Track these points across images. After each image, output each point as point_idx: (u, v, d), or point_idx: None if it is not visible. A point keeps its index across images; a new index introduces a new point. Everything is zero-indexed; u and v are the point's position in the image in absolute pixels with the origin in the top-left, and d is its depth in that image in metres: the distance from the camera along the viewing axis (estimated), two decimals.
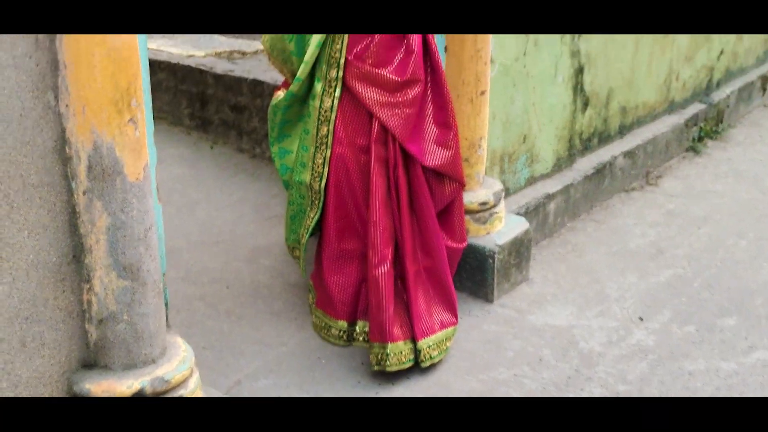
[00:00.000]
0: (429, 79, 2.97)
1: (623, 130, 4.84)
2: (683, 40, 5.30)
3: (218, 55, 5.18)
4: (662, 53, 5.07)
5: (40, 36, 1.93)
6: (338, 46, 2.85)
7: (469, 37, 3.21)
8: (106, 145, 2.01)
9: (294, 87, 2.92)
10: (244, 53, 5.21)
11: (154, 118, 5.14)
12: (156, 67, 5.13)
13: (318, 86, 2.90)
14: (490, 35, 3.29)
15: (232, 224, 4.06)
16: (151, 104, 2.29)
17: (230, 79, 4.71)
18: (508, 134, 3.82)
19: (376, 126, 2.89)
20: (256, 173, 4.56)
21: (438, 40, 3.16)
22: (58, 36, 1.94)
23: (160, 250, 2.32)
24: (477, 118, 3.33)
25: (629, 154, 4.73)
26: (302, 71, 2.88)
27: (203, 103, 4.90)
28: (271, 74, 4.55)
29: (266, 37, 2.97)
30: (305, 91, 2.96)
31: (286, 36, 2.89)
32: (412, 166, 2.97)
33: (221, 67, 4.87)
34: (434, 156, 2.98)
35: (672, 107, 5.37)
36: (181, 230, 3.95)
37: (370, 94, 2.87)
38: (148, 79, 2.23)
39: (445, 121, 3.01)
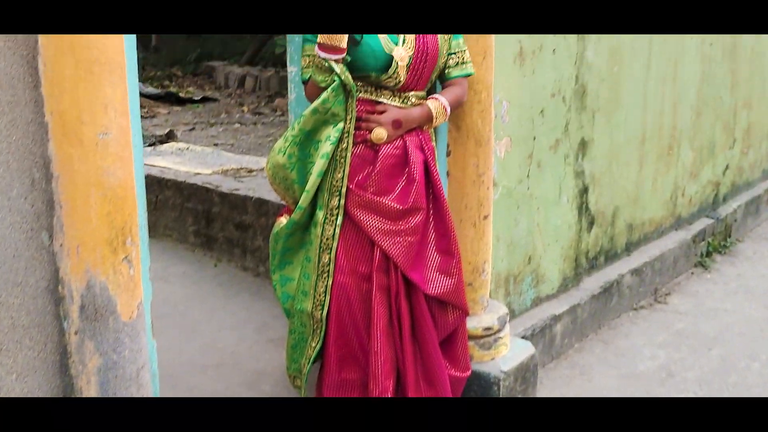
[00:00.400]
0: (431, 206, 2.96)
1: (630, 248, 4.81)
2: (687, 157, 5.32)
3: (225, 172, 5.22)
4: (667, 170, 5.09)
5: (37, 177, 1.92)
6: (340, 175, 2.85)
7: (471, 161, 3.21)
8: (100, 284, 1.99)
9: (296, 215, 2.91)
10: (251, 170, 5.25)
11: (160, 235, 5.18)
12: (163, 185, 5.17)
13: (320, 214, 2.89)
14: (492, 159, 3.29)
15: (234, 346, 4.00)
16: (147, 240, 2.26)
17: (235, 197, 4.73)
18: (513, 256, 3.79)
19: (378, 254, 2.87)
20: (260, 292, 4.53)
21: (440, 165, 3.17)
22: (54, 176, 1.94)
23: (153, 386, 2.26)
24: (480, 242, 3.31)
25: (637, 272, 4.69)
26: (304, 200, 2.87)
27: (208, 221, 4.91)
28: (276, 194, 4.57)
29: (268, 164, 2.98)
30: (307, 219, 2.95)
31: (287, 164, 2.89)
32: (415, 294, 2.93)
33: (227, 185, 4.89)
34: (437, 284, 2.95)
35: (679, 223, 5.36)
36: (182, 353, 3.89)
37: (371, 223, 2.86)
38: (145, 215, 2.22)
39: (448, 249, 2.98)
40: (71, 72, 1.88)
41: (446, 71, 2.99)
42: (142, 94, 9.68)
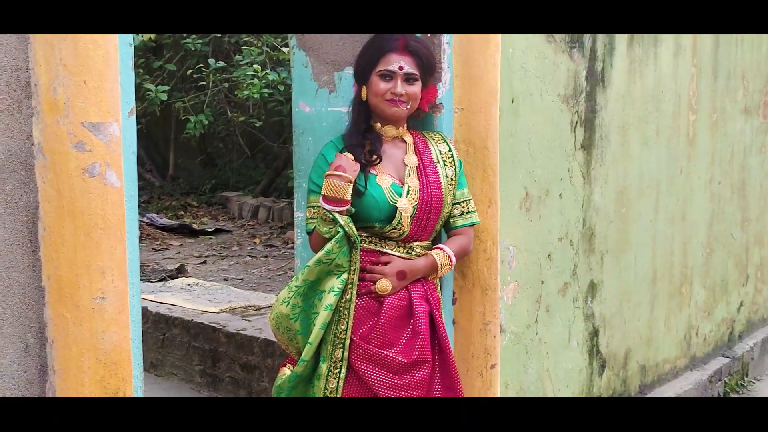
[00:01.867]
0: (437, 359, 2.91)
1: (644, 390, 4.70)
2: (700, 295, 5.27)
3: (232, 311, 5.20)
4: (680, 309, 5.03)
5: (31, 342, 1.90)
6: (343, 327, 2.82)
7: (477, 310, 3.18)
8: None
9: (299, 368, 2.86)
10: (258, 308, 5.23)
11: (166, 374, 5.12)
12: (170, 323, 5.15)
13: (323, 367, 2.84)
14: (499, 306, 3.26)
15: None
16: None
17: (242, 337, 4.69)
18: None
19: None
20: None
21: (446, 313, 3.13)
22: (49, 342, 1.92)
23: None
24: (488, 391, 3.23)
25: None
26: (307, 353, 2.83)
27: (214, 361, 4.85)
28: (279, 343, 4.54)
29: (272, 314, 2.95)
30: (310, 372, 2.90)
31: (291, 315, 2.87)
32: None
33: (234, 324, 4.86)
34: None
35: (694, 363, 5.26)
36: None
37: (375, 376, 2.80)
38: (141, 376, 2.18)
39: None
40: (70, 236, 1.89)
41: (451, 220, 2.99)
42: (155, 226, 9.78)
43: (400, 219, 2.82)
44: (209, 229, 9.94)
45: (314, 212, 2.86)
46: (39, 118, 1.86)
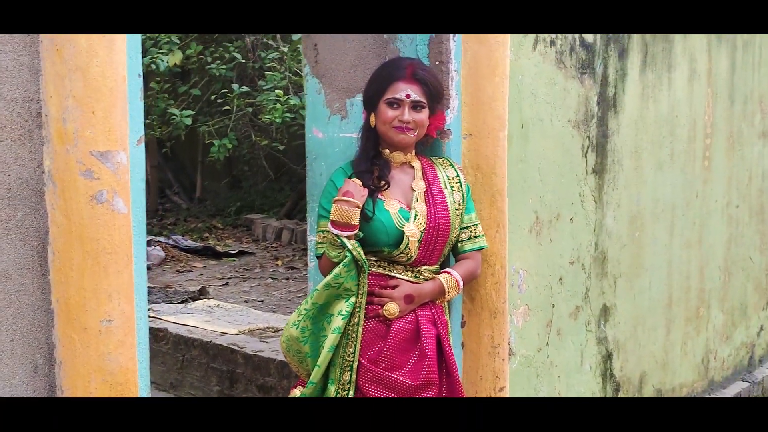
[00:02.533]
0: (444, 381, 2.95)
1: None
2: (718, 319, 5.26)
3: (251, 332, 5.28)
4: (697, 334, 5.02)
5: (40, 363, 1.97)
6: (351, 350, 2.86)
7: (486, 333, 3.22)
8: None
9: (308, 390, 2.91)
10: (276, 330, 5.30)
11: (185, 395, 5.18)
12: (190, 344, 5.24)
13: (331, 389, 2.89)
14: (507, 330, 3.30)
15: None
16: None
17: (259, 359, 4.76)
18: None
19: None
20: None
21: (455, 336, 3.17)
22: (57, 363, 1.98)
23: None
24: None
25: None
26: (315, 375, 2.87)
27: (232, 382, 4.93)
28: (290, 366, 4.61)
29: (283, 337, 3.01)
30: (319, 393, 2.95)
31: (301, 338, 2.92)
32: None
33: (251, 346, 4.94)
34: None
35: (712, 387, 5.24)
36: None
37: None
38: (148, 396, 2.24)
39: None
40: (78, 261, 1.96)
41: (459, 245, 3.03)
42: (179, 248, 9.90)
43: (408, 243, 2.87)
44: (232, 251, 10.05)
45: (323, 237, 2.93)
46: (49, 147, 1.94)
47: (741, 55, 5.17)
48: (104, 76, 1.94)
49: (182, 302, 6.47)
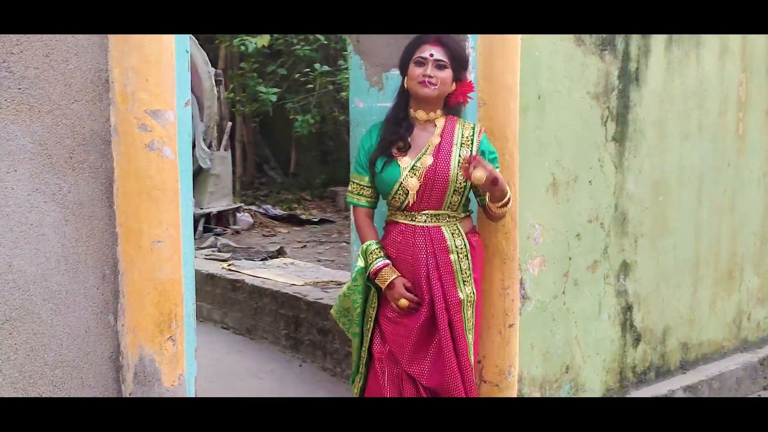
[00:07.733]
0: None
1: (686, 366, 5.03)
2: (753, 282, 5.53)
3: (315, 284, 5.86)
4: (728, 295, 5.31)
5: (107, 272, 2.57)
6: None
7: (497, 276, 3.67)
8: (149, 357, 2.59)
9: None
10: (339, 283, 5.86)
11: (258, 338, 5.82)
12: (262, 293, 5.86)
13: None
14: (517, 274, 3.75)
15: None
16: (194, 325, 2.83)
17: (319, 305, 5.33)
18: (549, 364, 4.15)
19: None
20: (335, 390, 5.03)
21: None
22: (120, 273, 2.58)
23: None
24: (507, 347, 3.73)
25: (691, 389, 4.89)
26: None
27: (297, 326, 5.51)
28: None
29: (333, 309, 3.56)
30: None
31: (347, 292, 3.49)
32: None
33: (313, 295, 5.52)
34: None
35: (745, 346, 5.51)
36: None
37: (391, 329, 3.41)
38: (193, 305, 2.81)
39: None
40: (135, 195, 2.55)
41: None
42: (267, 216, 10.61)
43: (398, 190, 3.33)
44: (314, 219, 10.73)
45: (353, 187, 3.45)
46: (114, 107, 2.54)
47: None
48: (155, 51, 2.51)
49: (261, 260, 7.11)
